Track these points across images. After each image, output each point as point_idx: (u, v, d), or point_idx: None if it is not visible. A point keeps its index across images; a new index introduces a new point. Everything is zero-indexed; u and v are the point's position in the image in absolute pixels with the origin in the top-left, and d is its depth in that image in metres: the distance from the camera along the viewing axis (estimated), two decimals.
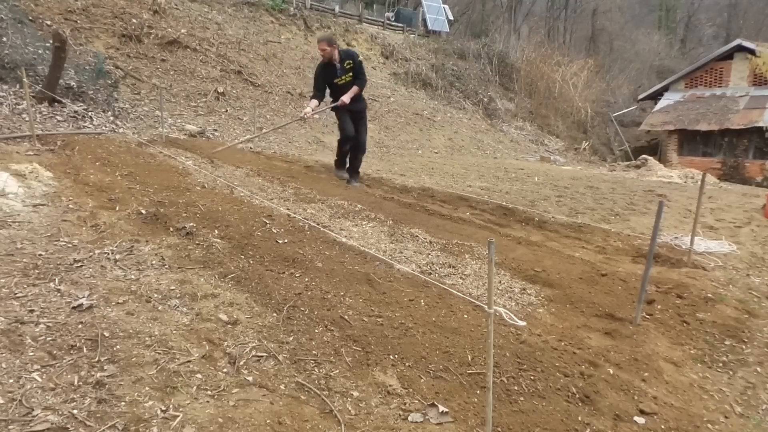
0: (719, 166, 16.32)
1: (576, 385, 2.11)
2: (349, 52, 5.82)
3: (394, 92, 15.60)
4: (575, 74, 21.31)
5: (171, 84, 9.59)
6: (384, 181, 6.57)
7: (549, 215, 5.14)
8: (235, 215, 3.89)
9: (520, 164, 11.53)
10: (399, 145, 12.10)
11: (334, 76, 5.69)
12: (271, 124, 10.15)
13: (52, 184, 4.18)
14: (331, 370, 2.08)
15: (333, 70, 5.65)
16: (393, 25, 20.29)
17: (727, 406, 2.14)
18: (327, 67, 5.67)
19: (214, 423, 1.70)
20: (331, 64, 5.62)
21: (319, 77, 5.77)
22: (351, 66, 5.66)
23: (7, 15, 7.86)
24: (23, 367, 1.86)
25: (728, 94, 17.43)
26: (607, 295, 3.10)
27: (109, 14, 10.07)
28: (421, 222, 4.49)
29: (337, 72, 5.66)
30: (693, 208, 3.94)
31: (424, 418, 1.84)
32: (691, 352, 2.54)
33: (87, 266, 2.77)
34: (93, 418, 1.66)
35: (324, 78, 5.74)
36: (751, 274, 3.65)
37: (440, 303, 2.78)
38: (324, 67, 5.70)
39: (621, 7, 33.86)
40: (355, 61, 5.69)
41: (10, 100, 6.62)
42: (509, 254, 3.76)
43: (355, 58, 5.71)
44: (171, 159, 5.86)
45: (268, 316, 2.46)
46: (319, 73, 5.78)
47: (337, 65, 5.62)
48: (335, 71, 5.66)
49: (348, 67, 5.65)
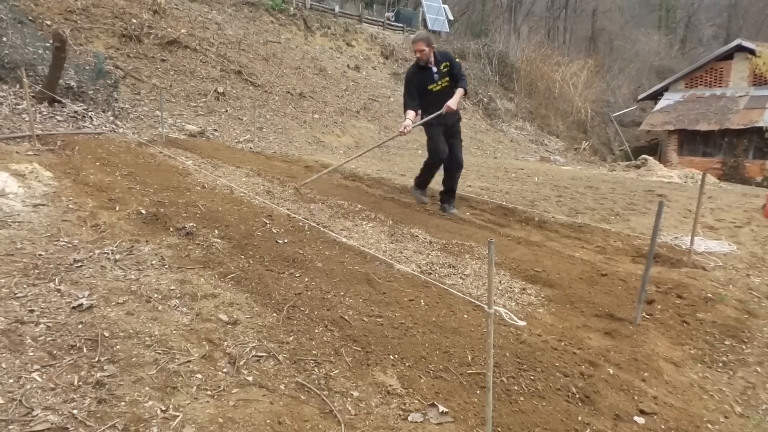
0: (719, 166, 16.32)
1: (576, 385, 2.11)
2: (444, 53, 4.95)
3: (394, 92, 15.59)
4: (575, 74, 21.33)
5: (171, 84, 9.59)
6: (384, 181, 6.57)
7: (549, 215, 5.15)
8: (235, 215, 3.90)
9: (520, 164, 11.53)
10: (399, 145, 12.09)
11: (429, 82, 4.80)
12: (272, 124, 10.16)
13: (52, 184, 4.18)
14: (331, 370, 2.08)
15: (428, 74, 4.79)
16: (393, 25, 20.30)
17: (727, 406, 2.14)
18: (421, 72, 4.82)
19: (214, 423, 1.70)
20: (425, 68, 4.79)
21: (412, 84, 4.86)
22: (447, 69, 4.80)
23: (7, 15, 7.86)
24: (23, 367, 1.86)
25: (728, 94, 17.43)
26: (607, 295, 3.10)
27: (109, 14, 10.07)
28: (421, 222, 4.49)
29: (433, 77, 4.78)
30: (693, 208, 3.94)
31: (424, 418, 1.84)
32: (691, 352, 2.54)
33: (87, 266, 2.77)
34: (93, 418, 1.66)
35: (418, 84, 4.83)
36: (751, 274, 3.65)
37: (440, 303, 2.78)
38: (417, 71, 4.85)
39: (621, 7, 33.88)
40: (452, 63, 4.84)
41: (10, 100, 6.62)
42: (509, 254, 3.76)
43: (452, 59, 4.89)
44: (171, 159, 5.86)
45: (268, 316, 2.46)
46: (411, 79, 4.88)
47: (432, 69, 4.77)
48: (431, 76, 4.78)
49: (444, 71, 4.79)
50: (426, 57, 4.71)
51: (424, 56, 4.70)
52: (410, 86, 4.85)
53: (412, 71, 4.89)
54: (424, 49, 4.67)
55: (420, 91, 4.81)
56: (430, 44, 4.72)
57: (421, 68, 4.80)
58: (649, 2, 37.16)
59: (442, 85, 4.81)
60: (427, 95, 4.81)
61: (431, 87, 4.80)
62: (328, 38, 16.36)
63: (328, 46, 16.03)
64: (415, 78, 4.85)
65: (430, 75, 4.78)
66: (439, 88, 4.80)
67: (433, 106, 4.73)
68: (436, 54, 4.78)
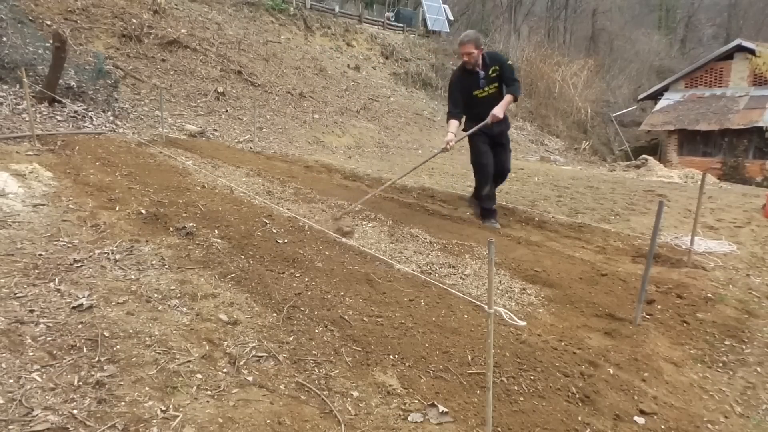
0: (719, 166, 16.32)
1: (576, 385, 2.11)
2: (494, 55, 4.46)
3: (394, 92, 15.60)
4: (575, 74, 21.34)
5: (171, 84, 9.59)
6: (384, 181, 6.57)
7: (549, 215, 5.14)
8: (235, 215, 3.90)
9: (520, 164, 11.53)
10: (399, 145, 12.10)
11: (474, 87, 4.36)
12: (272, 124, 10.16)
13: (52, 184, 4.18)
14: (331, 370, 2.08)
15: (474, 79, 4.34)
16: (393, 25, 20.31)
17: (727, 406, 2.14)
18: (467, 76, 4.37)
19: (214, 423, 1.70)
20: (472, 72, 4.34)
21: (455, 89, 4.43)
22: (496, 73, 4.31)
23: (7, 15, 7.86)
24: (23, 367, 1.86)
25: (728, 94, 17.44)
26: (607, 295, 3.10)
27: (109, 14, 10.07)
28: (421, 222, 4.49)
29: (480, 82, 4.33)
30: (693, 208, 3.94)
31: (424, 418, 1.84)
32: (691, 352, 2.54)
33: (87, 266, 2.77)
34: (93, 418, 1.66)
35: (462, 89, 4.40)
36: (751, 274, 3.65)
37: (440, 303, 2.78)
38: (462, 75, 4.40)
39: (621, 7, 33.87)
40: (503, 66, 4.33)
41: (10, 100, 6.62)
42: (509, 254, 3.76)
43: (503, 62, 4.37)
44: (171, 159, 5.86)
45: (268, 316, 2.46)
46: (455, 84, 4.45)
47: (480, 73, 4.32)
48: (477, 81, 4.33)
49: (493, 76, 4.31)
50: (474, 60, 4.26)
51: (472, 59, 4.24)
52: (454, 91, 4.45)
53: (457, 75, 4.46)
54: (472, 52, 4.21)
55: (465, 97, 4.39)
56: (479, 46, 4.25)
57: (467, 72, 4.36)
58: (649, 2, 37.16)
59: (490, 91, 4.35)
60: (472, 102, 4.39)
61: (477, 93, 4.37)
62: (328, 38, 16.37)
63: (328, 46, 16.04)
64: (459, 83, 4.41)
65: (477, 80, 4.34)
66: (485, 94, 4.36)
67: (479, 114, 4.30)
68: (486, 56, 4.33)
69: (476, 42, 4.24)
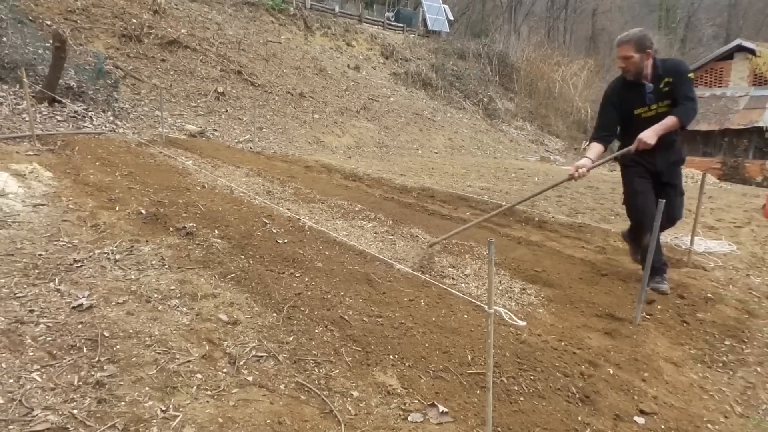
0: (719, 166, 16.33)
1: (576, 385, 2.11)
2: (673, 64, 3.13)
3: (394, 92, 15.60)
4: (575, 74, 21.34)
5: (171, 84, 9.59)
6: (384, 181, 6.57)
7: (549, 215, 5.14)
8: (235, 215, 3.89)
9: (520, 164, 11.53)
10: (399, 145, 12.10)
11: (637, 104, 3.15)
12: (272, 124, 10.16)
13: (52, 184, 4.18)
14: (331, 370, 2.08)
15: (638, 93, 3.12)
16: (393, 25, 20.31)
17: (727, 406, 2.14)
18: (627, 89, 3.18)
19: (214, 423, 1.70)
20: (635, 84, 3.13)
21: (609, 104, 3.27)
22: (670, 86, 3.03)
23: (7, 15, 7.86)
24: (23, 367, 1.86)
25: (728, 94, 17.44)
26: (607, 295, 3.10)
27: (109, 14, 10.07)
28: (421, 222, 4.49)
29: (646, 98, 3.11)
30: (693, 208, 3.94)
31: (424, 418, 1.84)
32: (691, 352, 2.54)
33: (87, 266, 2.77)
34: (93, 418, 1.66)
35: (620, 106, 3.22)
36: (751, 274, 3.65)
37: (440, 303, 2.78)
38: (621, 88, 3.22)
39: (621, 7, 33.90)
40: (681, 78, 3.02)
41: (10, 100, 6.62)
42: (509, 254, 3.76)
43: (681, 73, 3.04)
44: (171, 159, 5.86)
45: (268, 316, 2.46)
46: (610, 97, 3.28)
47: (647, 86, 3.09)
48: (641, 95, 3.12)
49: (665, 90, 3.05)
50: (635, 68, 3.06)
51: (631, 66, 3.07)
52: (607, 107, 3.28)
53: (614, 86, 3.29)
54: (632, 56, 3.04)
55: (623, 116, 3.22)
56: (643, 49, 3.02)
57: (627, 83, 3.16)
58: (649, 2, 37.17)
59: (659, 111, 3.09)
60: (631, 123, 3.17)
61: (640, 111, 3.15)
62: (328, 38, 16.37)
63: (328, 46, 16.04)
64: (616, 96, 3.24)
65: (641, 94, 3.11)
66: (652, 113, 3.11)
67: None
68: (659, 64, 3.08)
69: (638, 43, 3.02)
